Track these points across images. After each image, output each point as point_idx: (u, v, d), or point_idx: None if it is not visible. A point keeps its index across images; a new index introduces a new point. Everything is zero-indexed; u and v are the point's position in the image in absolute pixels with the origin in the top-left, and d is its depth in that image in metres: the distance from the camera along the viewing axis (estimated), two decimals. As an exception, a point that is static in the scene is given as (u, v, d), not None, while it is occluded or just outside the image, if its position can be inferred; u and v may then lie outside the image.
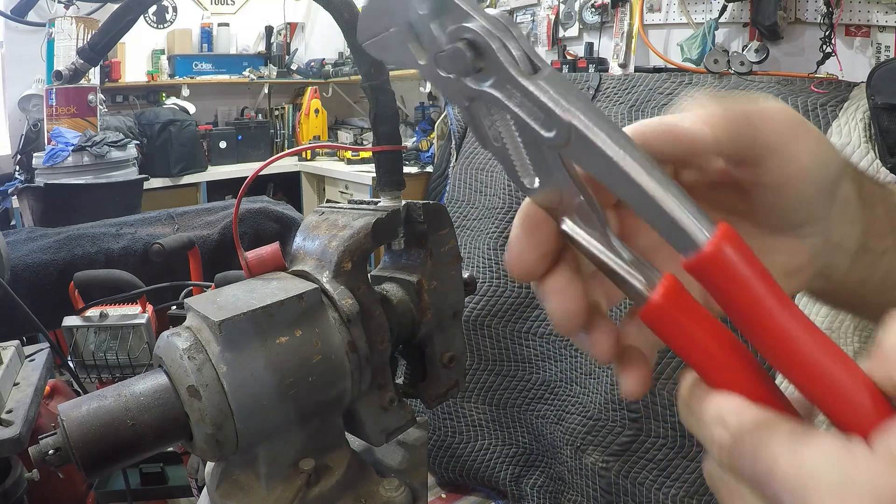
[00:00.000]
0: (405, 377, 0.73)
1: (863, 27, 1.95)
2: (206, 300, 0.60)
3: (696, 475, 1.77)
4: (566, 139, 0.28)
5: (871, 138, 1.62)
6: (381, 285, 0.70)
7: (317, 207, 0.73)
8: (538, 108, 0.29)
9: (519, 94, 0.29)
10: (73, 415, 0.51)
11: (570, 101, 0.28)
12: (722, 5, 2.19)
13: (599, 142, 0.28)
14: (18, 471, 0.87)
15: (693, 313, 0.27)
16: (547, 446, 2.13)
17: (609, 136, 0.28)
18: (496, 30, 0.29)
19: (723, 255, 0.26)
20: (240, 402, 0.54)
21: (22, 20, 3.13)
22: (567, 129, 0.28)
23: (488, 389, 2.27)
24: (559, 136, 0.28)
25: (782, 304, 0.26)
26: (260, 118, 4.48)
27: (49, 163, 2.67)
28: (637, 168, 0.27)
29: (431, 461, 2.27)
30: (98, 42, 1.02)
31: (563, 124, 0.28)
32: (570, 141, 0.28)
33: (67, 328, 1.27)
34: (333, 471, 0.61)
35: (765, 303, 0.26)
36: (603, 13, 2.66)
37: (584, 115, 0.28)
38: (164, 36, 4.16)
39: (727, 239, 0.26)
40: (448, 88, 0.31)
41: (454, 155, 2.81)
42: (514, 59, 0.29)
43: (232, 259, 1.53)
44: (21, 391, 0.89)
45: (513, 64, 0.29)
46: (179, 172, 3.75)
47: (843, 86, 1.80)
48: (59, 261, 1.81)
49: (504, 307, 2.26)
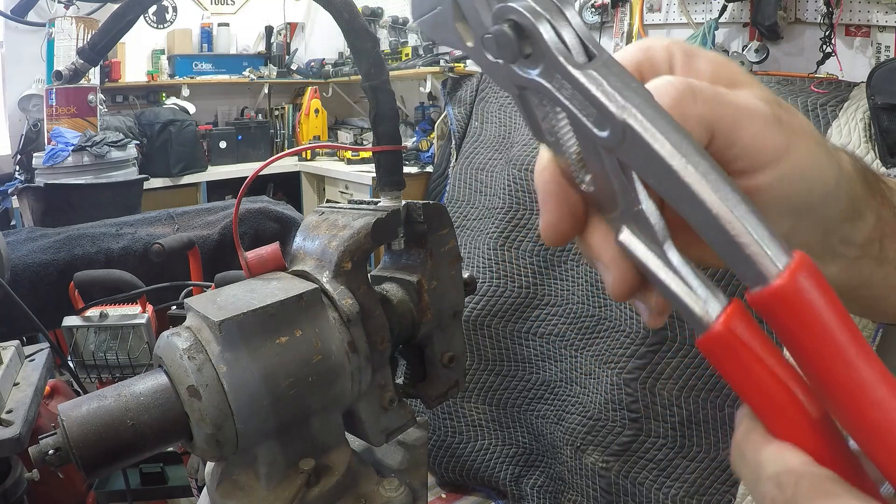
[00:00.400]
0: (405, 377, 0.73)
1: (863, 27, 1.95)
2: (206, 300, 0.59)
3: (696, 475, 1.77)
4: (620, 140, 0.25)
5: (871, 138, 1.62)
6: (381, 285, 0.70)
7: (317, 207, 0.73)
8: (590, 103, 0.25)
9: (569, 86, 0.26)
10: (73, 415, 0.51)
11: (627, 97, 0.25)
12: (722, 5, 2.19)
13: (657, 145, 0.24)
14: (18, 471, 0.87)
15: (759, 348, 0.24)
16: (547, 446, 2.13)
17: (669, 139, 0.24)
18: (545, 10, 0.26)
19: (797, 292, 0.22)
20: (240, 402, 0.54)
21: (22, 20, 3.13)
22: (621, 129, 0.25)
23: (488, 389, 2.27)
24: (613, 136, 0.25)
25: (864, 357, 0.22)
26: (260, 118, 4.48)
27: (49, 163, 2.67)
28: (699, 179, 0.24)
29: (431, 461, 2.27)
30: (98, 42, 1.02)
31: (616, 123, 0.25)
32: (625, 142, 0.25)
33: (67, 328, 1.27)
34: (333, 471, 0.61)
35: (843, 354, 0.22)
36: (603, 13, 2.66)
37: (641, 113, 0.25)
38: (164, 36, 4.16)
39: (804, 271, 0.22)
40: (496, 74, 0.28)
41: (454, 155, 2.81)
42: (565, 45, 0.25)
43: (232, 259, 1.54)
44: (21, 391, 0.89)
45: (562, 51, 0.25)
46: (179, 172, 3.74)
47: (843, 86, 1.80)
48: (59, 261, 1.81)
49: (504, 307, 2.26)
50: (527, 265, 2.26)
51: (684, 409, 1.80)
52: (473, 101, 2.80)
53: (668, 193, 0.25)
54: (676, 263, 0.26)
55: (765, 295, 0.23)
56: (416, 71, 3.53)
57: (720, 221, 0.23)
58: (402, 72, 3.58)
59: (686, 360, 1.81)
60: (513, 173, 2.39)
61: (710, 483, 1.75)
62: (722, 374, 0.24)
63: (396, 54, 3.93)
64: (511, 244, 2.31)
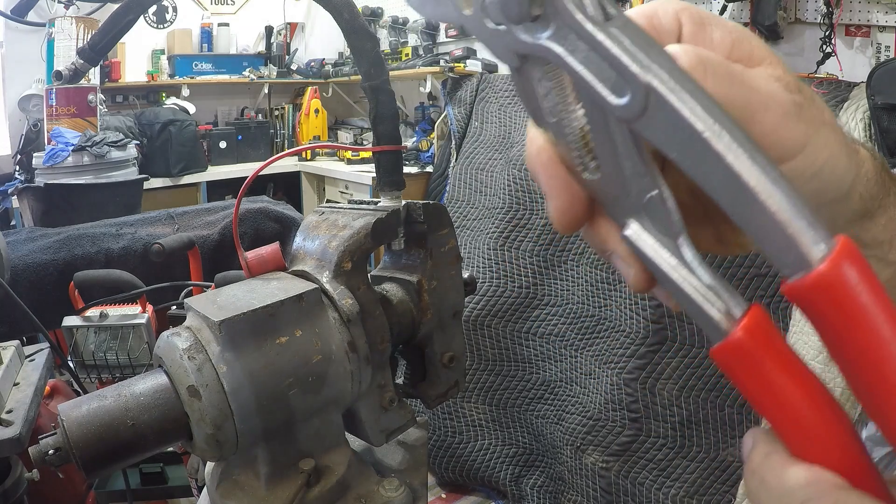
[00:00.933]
0: (405, 377, 0.73)
1: (863, 27, 1.95)
2: (206, 300, 0.59)
3: (696, 475, 1.77)
4: (642, 107, 0.22)
5: (872, 138, 1.62)
6: (381, 285, 0.70)
7: (317, 207, 0.73)
8: (609, 65, 0.22)
9: (585, 48, 0.23)
10: (73, 415, 0.51)
11: (652, 57, 0.22)
12: (722, 5, 2.19)
13: (686, 110, 0.21)
14: (18, 471, 0.87)
15: (781, 358, 0.22)
16: (547, 446, 2.13)
17: (701, 104, 0.22)
18: None
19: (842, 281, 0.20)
20: (240, 402, 0.54)
21: (22, 20, 3.13)
22: (644, 93, 0.22)
23: (488, 389, 2.27)
24: (634, 103, 0.22)
25: None
26: (260, 118, 4.48)
27: (49, 163, 2.67)
28: (735, 148, 0.21)
29: (431, 461, 2.27)
30: (98, 42, 1.02)
31: (639, 85, 0.22)
32: (648, 109, 0.22)
33: (67, 328, 1.27)
34: (333, 471, 0.61)
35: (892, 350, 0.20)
36: (603, 13, 2.66)
37: (669, 74, 0.22)
38: (164, 36, 4.16)
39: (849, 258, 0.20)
40: (497, 43, 0.25)
41: (454, 155, 2.81)
42: (580, 2, 0.23)
43: (232, 259, 1.54)
44: (21, 391, 0.89)
45: (580, 6, 0.23)
46: (179, 172, 3.75)
47: (843, 86, 1.80)
48: (59, 261, 1.81)
49: (504, 307, 2.26)
50: (527, 265, 2.26)
51: (684, 409, 1.80)
52: (473, 101, 2.80)
53: (695, 167, 0.22)
54: (691, 261, 0.23)
55: (806, 283, 0.20)
56: (416, 71, 3.53)
57: (759, 196, 0.21)
58: (402, 72, 3.58)
59: (686, 360, 1.81)
60: (513, 173, 2.39)
61: (710, 483, 1.75)
62: (738, 388, 0.22)
63: (396, 54, 3.93)
64: (511, 244, 2.31)
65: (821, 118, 0.27)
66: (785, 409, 0.22)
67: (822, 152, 0.27)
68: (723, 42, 0.28)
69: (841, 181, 0.29)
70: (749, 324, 0.22)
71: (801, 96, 0.27)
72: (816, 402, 0.22)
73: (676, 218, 0.24)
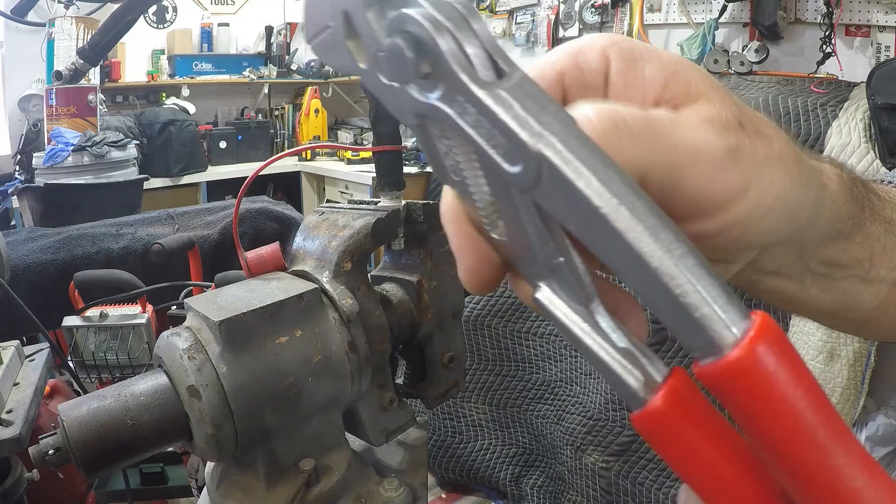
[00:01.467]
0: (405, 377, 0.73)
1: (863, 27, 1.95)
2: (206, 300, 0.59)
3: (696, 475, 1.77)
4: (536, 177, 0.20)
5: (871, 138, 1.62)
6: (381, 285, 0.70)
7: (317, 207, 0.73)
8: (498, 131, 0.21)
9: (474, 111, 0.21)
10: (73, 415, 0.51)
11: (545, 122, 0.20)
12: (722, 5, 2.19)
13: (582, 182, 0.20)
14: (18, 471, 0.87)
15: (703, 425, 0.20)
16: (547, 446, 2.13)
17: (597, 174, 0.20)
18: (447, 19, 0.21)
19: (758, 366, 0.18)
20: (240, 402, 0.54)
21: (22, 20, 3.13)
22: (536, 163, 0.20)
23: (488, 389, 2.27)
24: (527, 173, 0.20)
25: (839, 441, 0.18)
26: (260, 118, 4.48)
27: (49, 163, 2.67)
28: (635, 224, 0.19)
29: (431, 461, 2.27)
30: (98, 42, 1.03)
31: (530, 154, 0.20)
32: (542, 180, 0.20)
33: (67, 328, 1.27)
34: (333, 471, 0.61)
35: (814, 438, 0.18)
36: (603, 13, 2.66)
37: (562, 142, 0.20)
38: (164, 36, 4.16)
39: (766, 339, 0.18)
40: (391, 100, 0.23)
41: (454, 155, 2.81)
42: (468, 61, 0.21)
43: (232, 259, 1.53)
44: (21, 391, 0.89)
45: (466, 67, 0.21)
46: (179, 172, 3.75)
47: (843, 86, 1.81)
48: (59, 261, 1.81)
49: (504, 307, 2.26)
50: (527, 265, 2.26)
51: (684, 409, 1.80)
52: (473, 101, 2.80)
53: (595, 243, 0.20)
54: (606, 327, 0.22)
55: (717, 369, 0.19)
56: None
57: (661, 278, 0.19)
58: (402, 72, 3.57)
59: (686, 360, 1.81)
60: (513, 173, 2.39)
61: (710, 483, 1.75)
62: (661, 456, 0.21)
63: (396, 54, 3.93)
64: (511, 244, 2.31)
65: (766, 152, 0.25)
66: (708, 478, 0.20)
67: (768, 191, 0.25)
68: (654, 79, 0.25)
69: (796, 213, 0.27)
70: (669, 391, 0.20)
71: (740, 134, 0.25)
72: (741, 468, 0.20)
73: (587, 283, 0.22)
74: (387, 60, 0.22)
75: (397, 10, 0.22)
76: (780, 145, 0.26)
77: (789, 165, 0.26)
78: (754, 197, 0.25)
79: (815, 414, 0.18)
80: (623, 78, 0.26)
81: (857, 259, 0.33)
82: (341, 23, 0.23)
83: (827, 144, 1.63)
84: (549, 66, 0.26)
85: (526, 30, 3.06)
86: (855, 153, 1.62)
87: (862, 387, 1.53)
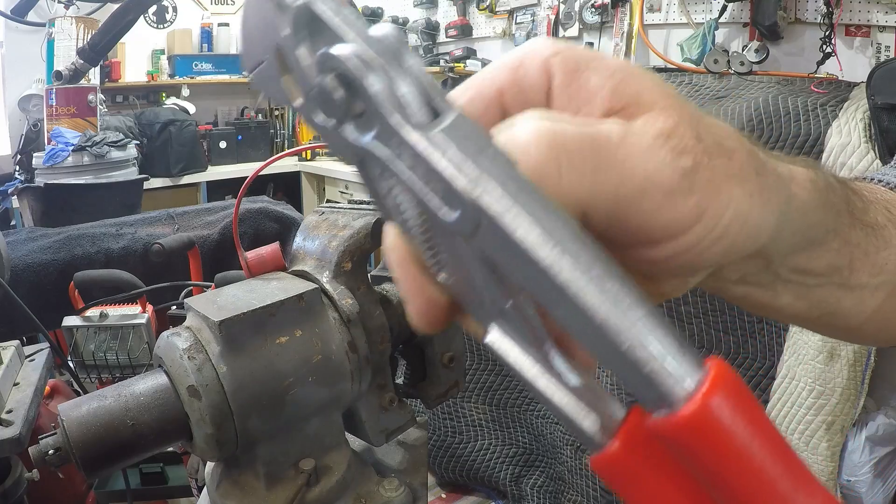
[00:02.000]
0: (405, 377, 0.73)
1: (863, 27, 1.95)
2: (206, 300, 0.60)
3: (696, 475, 1.78)
4: (474, 225, 0.19)
5: (871, 138, 1.62)
6: (381, 285, 0.70)
7: (317, 207, 0.73)
8: (432, 177, 0.20)
9: (408, 154, 0.20)
10: (73, 415, 0.51)
11: (482, 166, 0.19)
12: (722, 5, 2.19)
13: (521, 233, 0.19)
14: (18, 471, 0.87)
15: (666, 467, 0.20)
16: (547, 446, 2.13)
17: (538, 222, 0.19)
18: (378, 55, 0.20)
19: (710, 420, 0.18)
20: (240, 402, 0.54)
21: (22, 20, 3.13)
22: (474, 211, 0.19)
23: (488, 389, 2.27)
24: (465, 221, 0.19)
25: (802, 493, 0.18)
26: (260, 118, 4.48)
27: (49, 163, 2.67)
28: (579, 276, 0.18)
29: (431, 461, 2.27)
30: (98, 42, 1.03)
31: (466, 203, 0.19)
32: (481, 228, 0.19)
33: (67, 328, 1.27)
34: (333, 471, 0.61)
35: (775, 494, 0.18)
36: (603, 13, 2.66)
37: (501, 188, 0.19)
38: (164, 36, 4.16)
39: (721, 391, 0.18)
40: (329, 139, 0.22)
41: (454, 155, 2.81)
42: (399, 101, 0.20)
43: (232, 259, 1.53)
44: (21, 391, 0.89)
45: (398, 107, 0.20)
46: (179, 172, 3.75)
47: (843, 86, 1.81)
48: (59, 261, 1.81)
49: (504, 307, 2.26)
50: (527, 265, 2.26)
51: (684, 409, 1.80)
52: (473, 101, 2.80)
53: (538, 295, 0.19)
54: (560, 368, 0.21)
55: (671, 424, 0.18)
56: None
57: (608, 333, 0.18)
58: (402, 72, 3.57)
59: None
60: (513, 173, 2.39)
61: (710, 483, 1.75)
62: (621, 497, 0.20)
63: (396, 54, 3.93)
64: (511, 244, 2.31)
65: (725, 170, 0.23)
66: None
67: (725, 213, 0.23)
68: (600, 90, 0.23)
69: (756, 232, 0.25)
70: (626, 434, 0.20)
71: (697, 150, 0.23)
72: None
73: (538, 325, 0.21)
74: (318, 100, 0.21)
75: (326, 48, 0.20)
76: (741, 158, 0.24)
77: (749, 182, 0.24)
78: (709, 221, 0.23)
79: (775, 464, 0.18)
80: (566, 91, 0.24)
81: (835, 266, 0.31)
82: (274, 58, 0.22)
83: (827, 144, 1.63)
84: (488, 84, 0.25)
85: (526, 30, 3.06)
86: (855, 153, 1.61)
87: (862, 387, 1.53)
